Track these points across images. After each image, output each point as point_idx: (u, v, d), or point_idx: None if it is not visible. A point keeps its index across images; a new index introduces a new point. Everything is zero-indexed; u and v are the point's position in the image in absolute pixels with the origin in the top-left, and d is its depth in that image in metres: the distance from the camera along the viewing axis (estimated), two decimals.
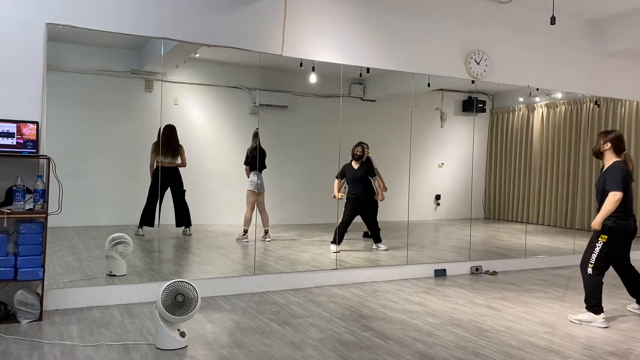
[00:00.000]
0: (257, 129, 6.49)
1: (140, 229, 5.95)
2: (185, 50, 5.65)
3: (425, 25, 6.22)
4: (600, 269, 4.50)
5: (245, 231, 6.66)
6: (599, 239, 4.49)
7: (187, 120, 6.43)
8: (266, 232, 6.86)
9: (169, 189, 5.95)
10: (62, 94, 5.29)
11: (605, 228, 4.47)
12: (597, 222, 4.48)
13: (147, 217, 5.83)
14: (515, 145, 8.59)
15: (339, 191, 6.98)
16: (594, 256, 4.50)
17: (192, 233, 6.48)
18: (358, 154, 6.97)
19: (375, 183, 7.09)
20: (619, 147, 4.55)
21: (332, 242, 6.64)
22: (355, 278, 5.85)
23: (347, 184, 7.06)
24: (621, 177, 4.42)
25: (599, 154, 4.65)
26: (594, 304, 4.49)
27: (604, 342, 4.07)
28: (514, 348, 3.88)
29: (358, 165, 6.97)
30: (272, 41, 5.37)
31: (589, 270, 4.52)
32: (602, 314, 4.47)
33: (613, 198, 4.39)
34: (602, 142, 4.59)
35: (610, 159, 4.56)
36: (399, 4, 6.05)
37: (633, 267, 4.75)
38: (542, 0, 6.28)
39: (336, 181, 7.02)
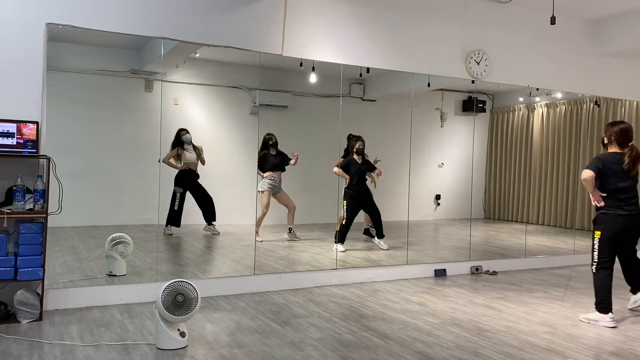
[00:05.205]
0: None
1: (168, 228, 6.21)
2: (185, 50, 5.64)
3: (425, 25, 6.22)
4: (602, 264, 4.50)
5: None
6: (595, 236, 4.54)
7: (187, 120, 6.43)
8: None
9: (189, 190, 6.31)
10: (62, 94, 5.28)
11: (595, 222, 4.58)
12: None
13: (175, 218, 6.23)
14: (515, 145, 8.58)
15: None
16: (595, 254, 4.54)
17: (189, 232, 6.53)
18: (361, 147, 6.94)
19: (375, 172, 7.12)
20: (621, 139, 4.56)
21: (335, 242, 6.63)
22: (355, 278, 5.85)
23: (350, 178, 7.01)
24: (594, 162, 4.51)
25: (605, 146, 4.71)
26: (600, 302, 4.49)
27: (604, 342, 4.08)
28: (514, 348, 3.88)
29: (361, 160, 6.97)
30: (272, 41, 5.37)
31: (593, 269, 4.56)
32: (609, 313, 4.47)
33: (582, 175, 4.51)
34: (606, 134, 4.63)
35: (611, 150, 4.62)
36: (399, 3, 6.05)
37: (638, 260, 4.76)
38: (542, 0, 6.28)
39: (338, 169, 6.92)
